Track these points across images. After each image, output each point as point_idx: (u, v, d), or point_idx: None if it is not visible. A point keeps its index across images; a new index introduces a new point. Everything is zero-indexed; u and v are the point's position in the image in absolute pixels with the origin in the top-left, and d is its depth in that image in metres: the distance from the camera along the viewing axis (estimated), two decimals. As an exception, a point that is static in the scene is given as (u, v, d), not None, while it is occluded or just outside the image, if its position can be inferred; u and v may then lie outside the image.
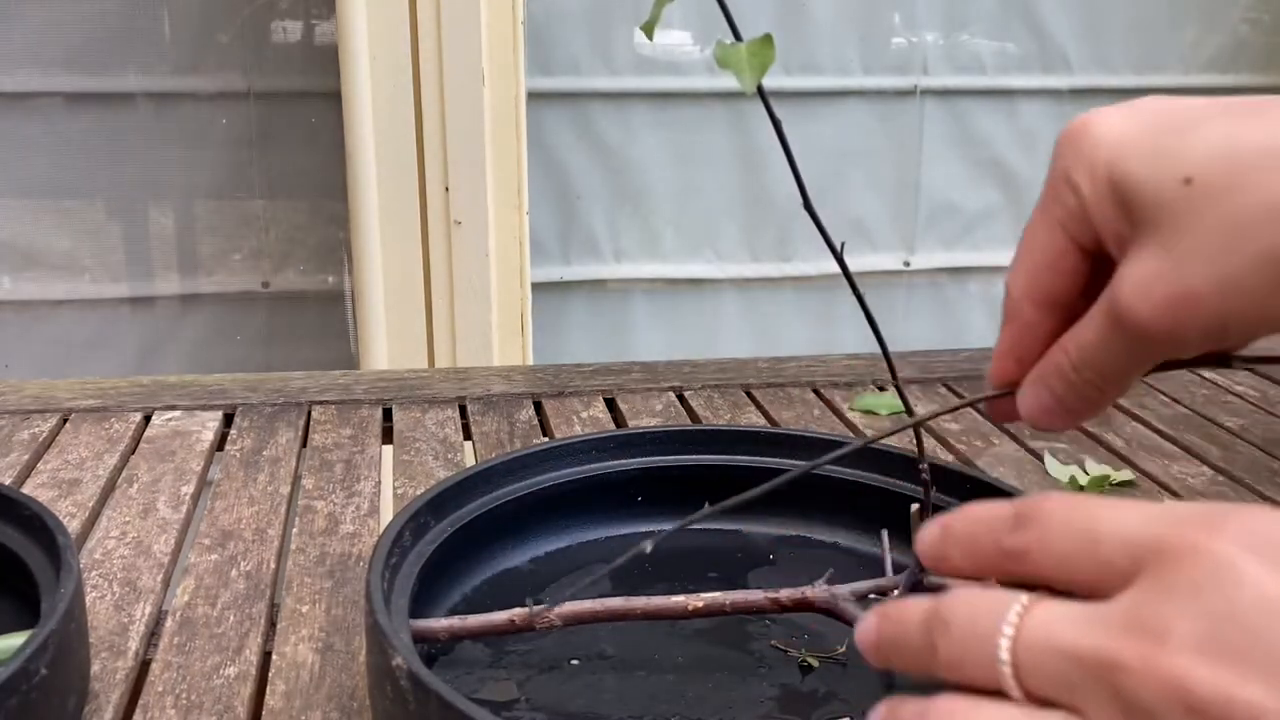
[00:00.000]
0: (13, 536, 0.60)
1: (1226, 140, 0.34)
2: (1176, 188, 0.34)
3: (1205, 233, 0.33)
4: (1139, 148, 0.35)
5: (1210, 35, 1.89)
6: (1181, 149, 0.34)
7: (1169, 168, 0.34)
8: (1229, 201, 0.33)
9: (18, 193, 1.60)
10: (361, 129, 1.48)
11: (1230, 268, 0.33)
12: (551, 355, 1.77)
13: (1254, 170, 0.33)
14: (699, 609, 0.55)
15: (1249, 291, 0.33)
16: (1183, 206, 0.34)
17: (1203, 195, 0.34)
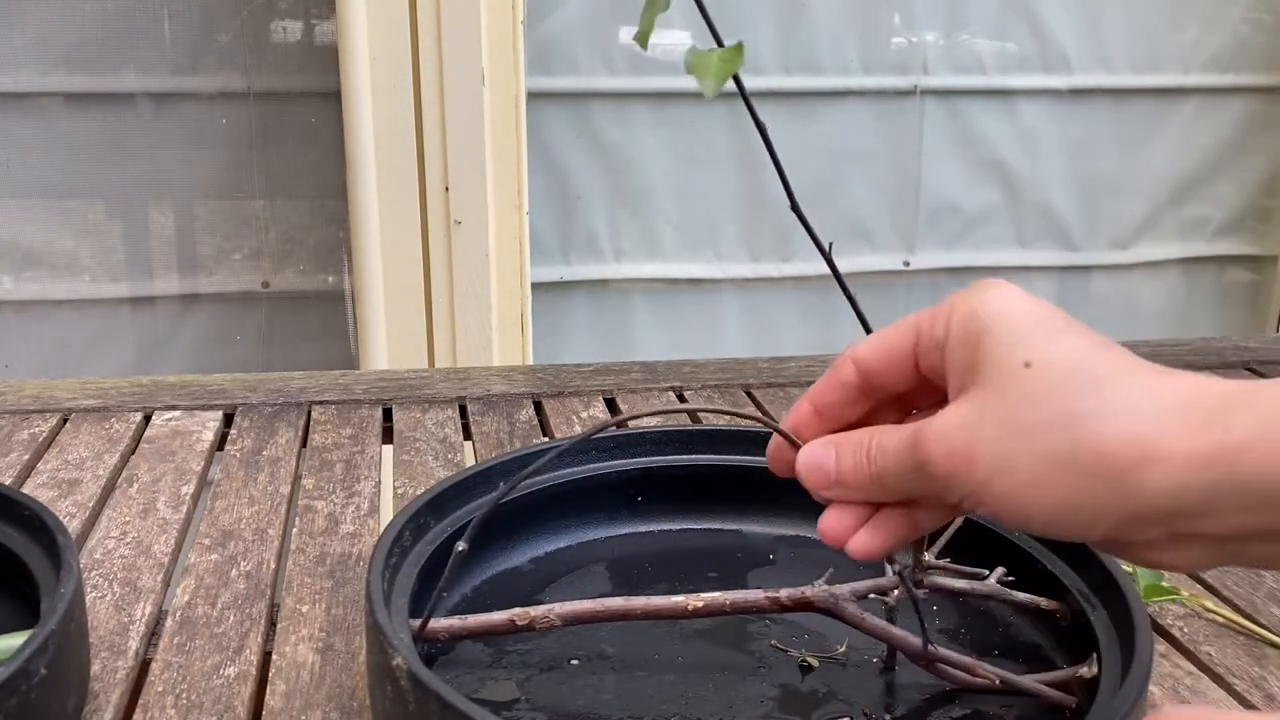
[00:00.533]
0: (13, 536, 0.60)
1: (1074, 351, 0.37)
2: (1017, 366, 0.37)
3: (1013, 412, 0.37)
4: (1016, 325, 0.38)
5: (1210, 35, 1.89)
6: (1043, 340, 0.38)
7: (1025, 351, 0.38)
8: (1047, 397, 0.37)
9: (18, 193, 1.60)
10: (361, 129, 1.48)
11: (1013, 450, 0.37)
12: (551, 355, 1.77)
13: (1076, 382, 0.37)
14: (699, 609, 0.55)
15: (1018, 477, 0.37)
16: (1011, 383, 0.37)
17: (1031, 381, 0.37)
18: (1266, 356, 1.11)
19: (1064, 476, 0.36)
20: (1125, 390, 0.36)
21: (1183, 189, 1.96)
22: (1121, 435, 0.35)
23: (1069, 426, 0.36)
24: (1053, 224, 1.92)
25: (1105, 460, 0.35)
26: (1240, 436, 0.34)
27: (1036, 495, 0.37)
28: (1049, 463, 0.36)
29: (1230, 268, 2.03)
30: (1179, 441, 0.35)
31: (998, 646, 0.58)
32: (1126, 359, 0.37)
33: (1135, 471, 0.35)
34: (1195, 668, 0.61)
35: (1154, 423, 0.35)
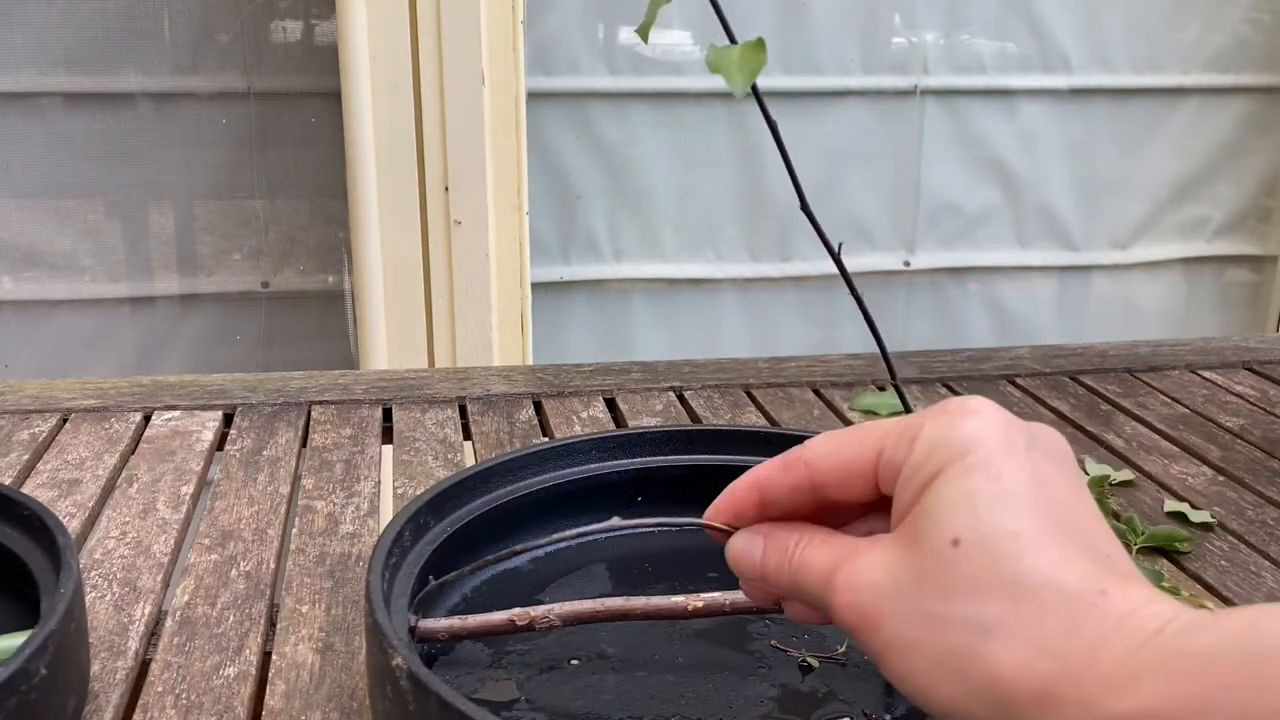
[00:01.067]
0: (13, 536, 0.60)
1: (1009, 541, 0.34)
2: (945, 543, 0.34)
3: (924, 595, 0.34)
4: (967, 483, 0.35)
5: (1210, 35, 1.89)
6: (985, 511, 0.34)
7: (961, 524, 0.34)
8: (961, 594, 0.34)
9: (18, 193, 1.60)
10: (361, 129, 1.48)
11: (914, 637, 0.35)
12: (551, 355, 1.77)
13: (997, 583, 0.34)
14: (699, 609, 0.55)
15: (913, 665, 0.35)
16: (933, 560, 0.34)
17: (952, 566, 0.34)
18: (1266, 356, 1.11)
19: (957, 686, 0.34)
20: (1043, 610, 0.33)
21: (1183, 189, 1.96)
22: (1020, 666, 0.33)
23: (971, 634, 0.33)
24: (1053, 224, 1.92)
25: (998, 688, 0.33)
26: (1142, 703, 0.31)
27: (929, 688, 0.35)
28: (945, 667, 0.34)
29: (1230, 268, 2.03)
30: (1080, 692, 0.32)
31: (998, 646, 0.58)
32: (1066, 562, 0.34)
33: (1029, 710, 0.33)
34: (1195, 668, 0.61)
35: (1061, 661, 0.32)
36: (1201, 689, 0.30)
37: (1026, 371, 1.05)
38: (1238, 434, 0.92)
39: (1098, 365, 1.07)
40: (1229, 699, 0.30)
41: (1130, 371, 1.06)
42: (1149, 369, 1.06)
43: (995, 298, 1.94)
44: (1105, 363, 1.08)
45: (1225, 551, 0.74)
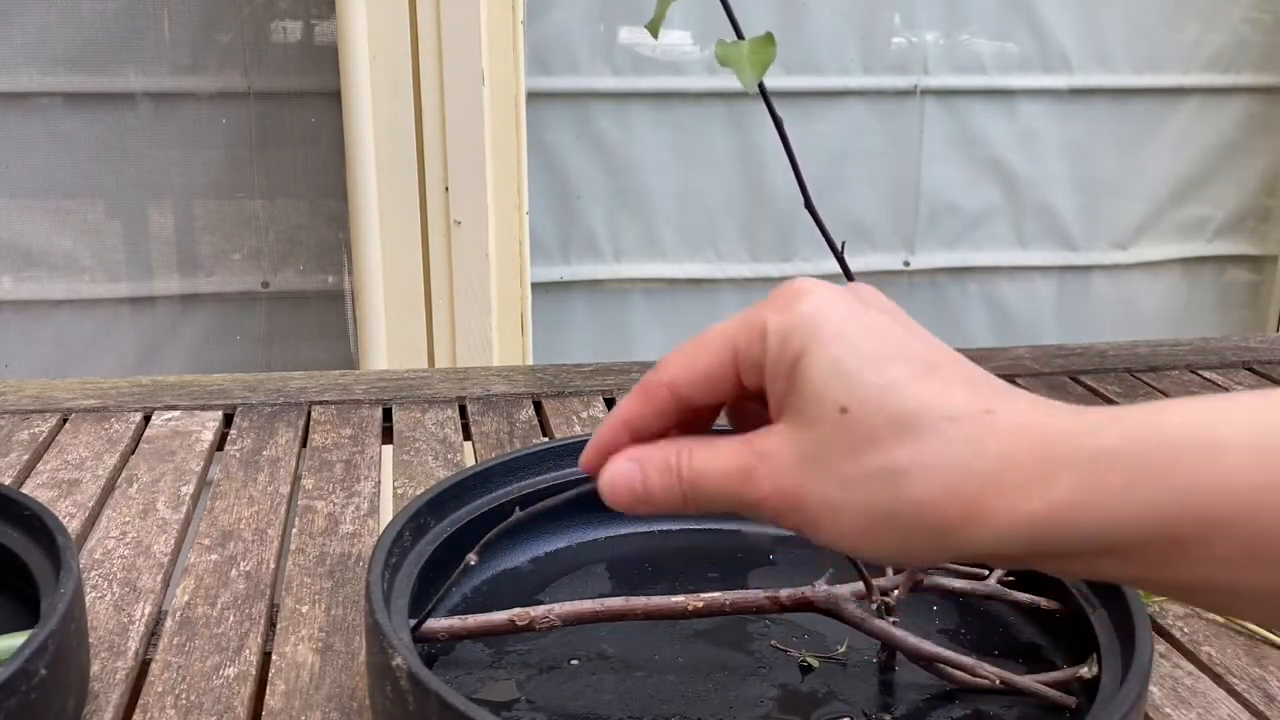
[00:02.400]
0: (13, 536, 0.60)
1: (892, 390, 0.36)
2: (834, 412, 0.36)
3: (835, 462, 0.36)
4: (830, 356, 0.37)
5: (1210, 35, 1.89)
6: (857, 375, 0.36)
7: (841, 391, 0.36)
8: (865, 450, 0.36)
9: (18, 193, 1.60)
10: (361, 129, 1.48)
11: (838, 500, 0.36)
12: (551, 355, 1.77)
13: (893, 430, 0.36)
14: (699, 609, 0.55)
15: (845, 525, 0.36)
16: (830, 431, 0.36)
17: (848, 430, 0.36)
18: (1267, 356, 1.11)
19: (890, 528, 0.36)
20: (944, 439, 0.35)
21: (1183, 189, 1.96)
22: (943, 492, 0.35)
23: (889, 481, 0.35)
24: (1053, 224, 1.92)
25: (927, 517, 0.35)
26: (1061, 497, 0.34)
27: (866, 541, 0.36)
28: (874, 515, 0.36)
29: (1230, 268, 2.03)
30: (1000, 500, 0.34)
31: (998, 646, 0.58)
32: (945, 391, 0.36)
33: (959, 529, 0.35)
34: (1195, 668, 0.61)
35: (975, 477, 0.35)
36: (1110, 483, 0.33)
37: (1026, 371, 1.05)
38: (1238, 434, 0.91)
39: (1098, 365, 1.07)
40: (1136, 489, 0.33)
41: (1130, 371, 1.06)
42: (1149, 369, 1.06)
43: (995, 298, 1.94)
44: (1105, 363, 1.08)
45: (1225, 551, 0.74)
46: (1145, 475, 0.33)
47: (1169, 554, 0.33)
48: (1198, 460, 0.33)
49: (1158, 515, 0.33)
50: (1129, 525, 0.33)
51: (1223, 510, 0.32)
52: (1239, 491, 0.32)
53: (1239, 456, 0.32)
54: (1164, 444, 0.33)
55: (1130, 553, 0.34)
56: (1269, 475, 0.32)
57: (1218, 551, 0.32)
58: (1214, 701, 0.59)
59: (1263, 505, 0.32)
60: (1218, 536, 0.32)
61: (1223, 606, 0.35)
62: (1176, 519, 0.33)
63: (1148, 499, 0.33)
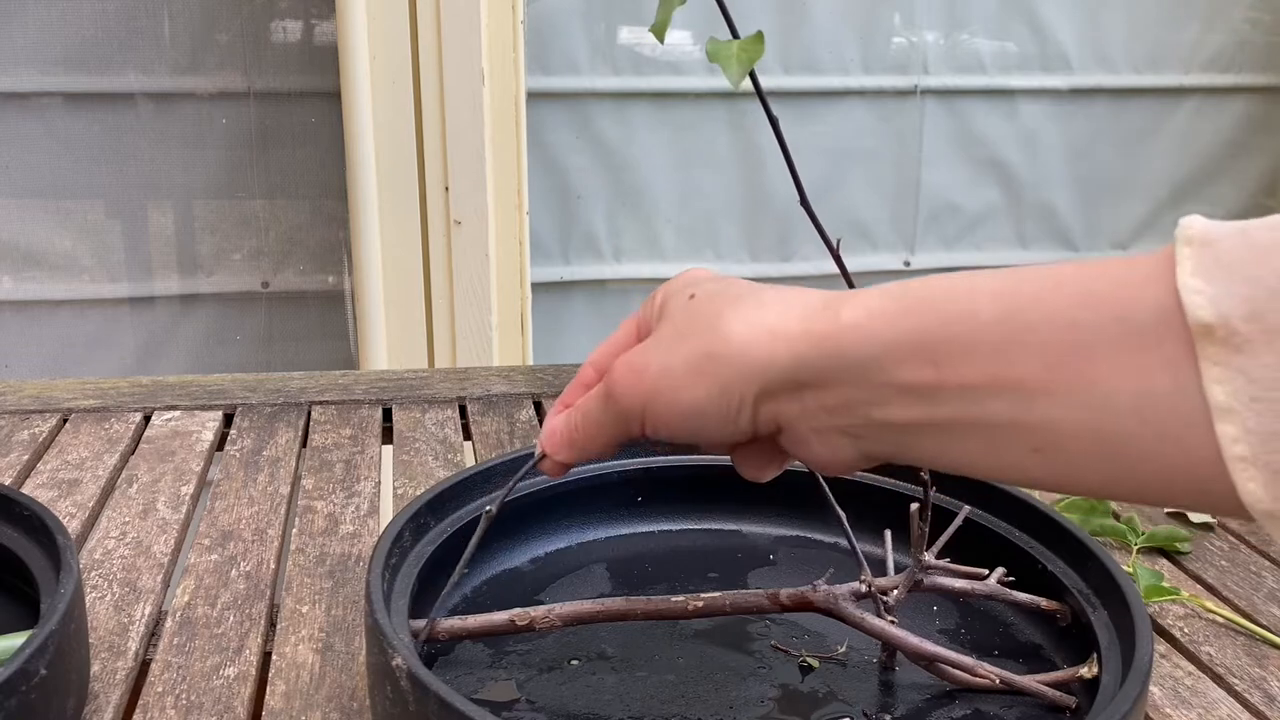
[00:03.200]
0: (13, 536, 0.60)
1: (728, 282, 0.45)
2: (684, 300, 0.45)
3: (675, 328, 0.44)
4: (685, 279, 0.46)
5: (1210, 35, 1.89)
6: (706, 280, 0.46)
7: (691, 287, 0.45)
8: (700, 312, 0.44)
9: (18, 193, 1.60)
10: (361, 129, 1.48)
11: (672, 354, 0.44)
12: (551, 355, 1.77)
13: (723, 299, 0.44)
14: (699, 609, 0.55)
15: (674, 376, 0.43)
16: (678, 312, 0.45)
17: (691, 306, 0.44)
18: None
19: (708, 365, 0.42)
20: (758, 299, 0.43)
21: (1183, 189, 1.96)
22: (752, 324, 0.42)
23: (712, 327, 0.43)
24: (1053, 224, 1.92)
25: (735, 345, 0.42)
26: (845, 320, 0.40)
27: (689, 388, 0.43)
28: (697, 356, 0.43)
29: (1230, 268, 2.03)
30: (796, 324, 0.41)
31: (998, 646, 0.58)
32: (774, 289, 0.44)
33: (760, 347, 0.41)
34: (1195, 668, 0.61)
35: (777, 315, 0.42)
36: (888, 310, 0.40)
37: (1026, 371, 1.05)
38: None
39: (1098, 365, 1.07)
40: (909, 315, 0.39)
41: (1130, 371, 1.06)
42: (1149, 369, 1.06)
43: (995, 298, 1.94)
44: (1105, 363, 1.08)
45: (1225, 551, 0.74)
46: (915, 305, 0.39)
47: (929, 380, 0.38)
48: (958, 295, 0.39)
49: (922, 336, 0.38)
50: (898, 343, 0.39)
51: (970, 334, 0.38)
52: (983, 321, 0.37)
53: (985, 297, 0.38)
54: (932, 285, 0.40)
55: (897, 372, 0.39)
56: (1006, 311, 0.37)
57: (967, 375, 0.37)
58: (1214, 701, 0.59)
59: (1000, 333, 0.37)
60: (967, 359, 0.37)
61: (982, 455, 0.39)
62: (937, 340, 0.38)
63: (915, 324, 0.39)
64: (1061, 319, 0.36)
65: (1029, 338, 0.36)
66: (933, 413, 0.39)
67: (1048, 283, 0.37)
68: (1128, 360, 0.34)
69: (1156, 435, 0.34)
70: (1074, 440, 0.36)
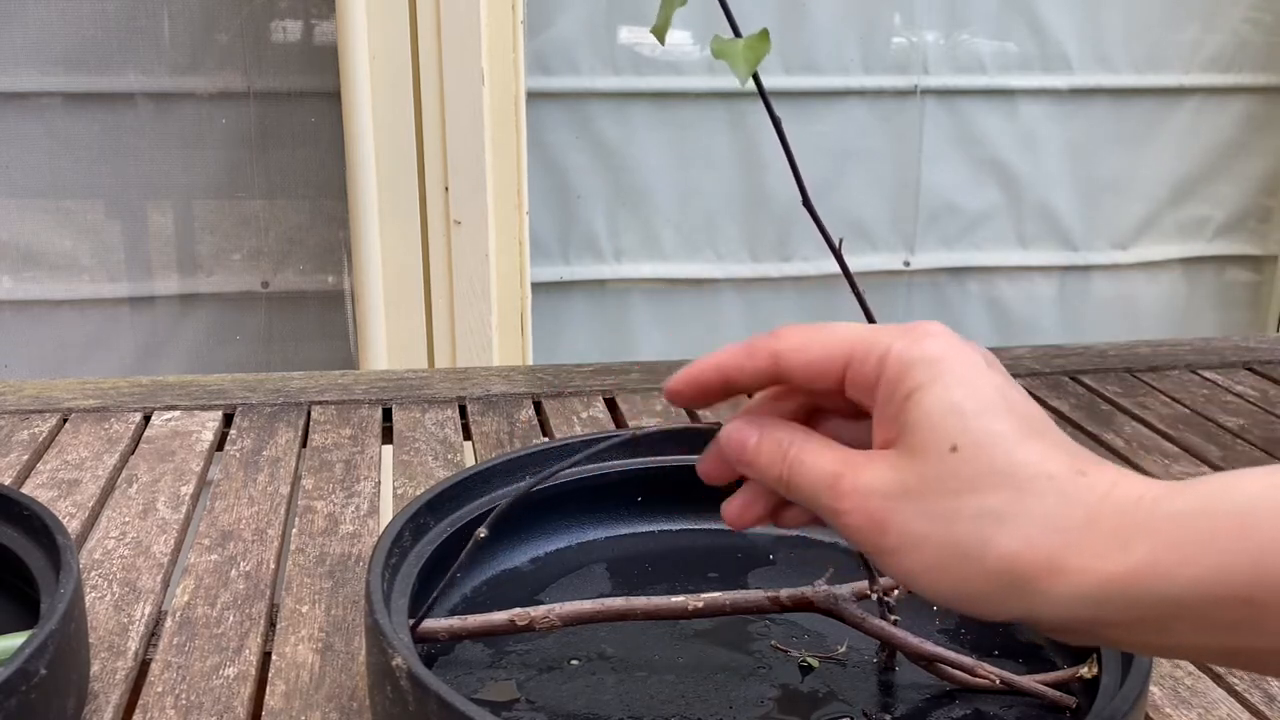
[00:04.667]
0: (13, 536, 0.60)
1: (1001, 441, 0.38)
2: (944, 449, 0.38)
3: (931, 495, 0.38)
4: (950, 395, 0.38)
5: (1210, 35, 1.89)
6: (973, 420, 0.38)
7: (955, 430, 0.38)
8: (965, 489, 0.37)
9: (18, 193, 1.60)
10: (361, 129, 1.48)
11: (924, 532, 0.38)
12: (551, 355, 1.77)
13: (995, 478, 0.37)
14: (699, 609, 0.55)
15: (924, 559, 0.38)
16: (935, 464, 0.38)
17: (954, 468, 0.37)
18: (1267, 356, 1.11)
19: (969, 570, 0.37)
20: (1040, 495, 0.37)
21: (1183, 189, 1.96)
22: (1028, 544, 0.36)
23: (980, 525, 0.37)
24: (1053, 224, 1.92)
25: (1010, 566, 0.36)
26: (1136, 561, 0.35)
27: (940, 578, 0.38)
28: (956, 554, 0.37)
29: (1230, 268, 2.03)
30: (1081, 559, 0.36)
31: (998, 646, 0.58)
32: (1047, 453, 0.38)
33: (1038, 582, 0.36)
34: (1195, 668, 0.61)
35: (1061, 535, 0.36)
36: (1186, 545, 0.34)
37: (1026, 371, 1.05)
38: (1238, 434, 0.92)
39: (1098, 365, 1.07)
40: (1210, 550, 0.34)
41: (1130, 371, 1.06)
42: (1149, 369, 1.06)
43: (995, 298, 1.94)
44: (1105, 363, 1.08)
45: (1225, 551, 0.74)
46: (1220, 537, 0.34)
47: (1241, 618, 0.34)
48: (1272, 522, 0.33)
49: (1233, 578, 0.33)
50: (1204, 588, 0.34)
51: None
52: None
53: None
54: (1238, 507, 0.34)
55: (1204, 617, 0.34)
56: None
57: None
58: (1214, 701, 0.59)
59: None
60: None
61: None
62: (1251, 581, 0.33)
63: (1224, 563, 0.34)
64: None
65: None
66: (1241, 643, 0.35)
67: None
68: None
69: None
70: None
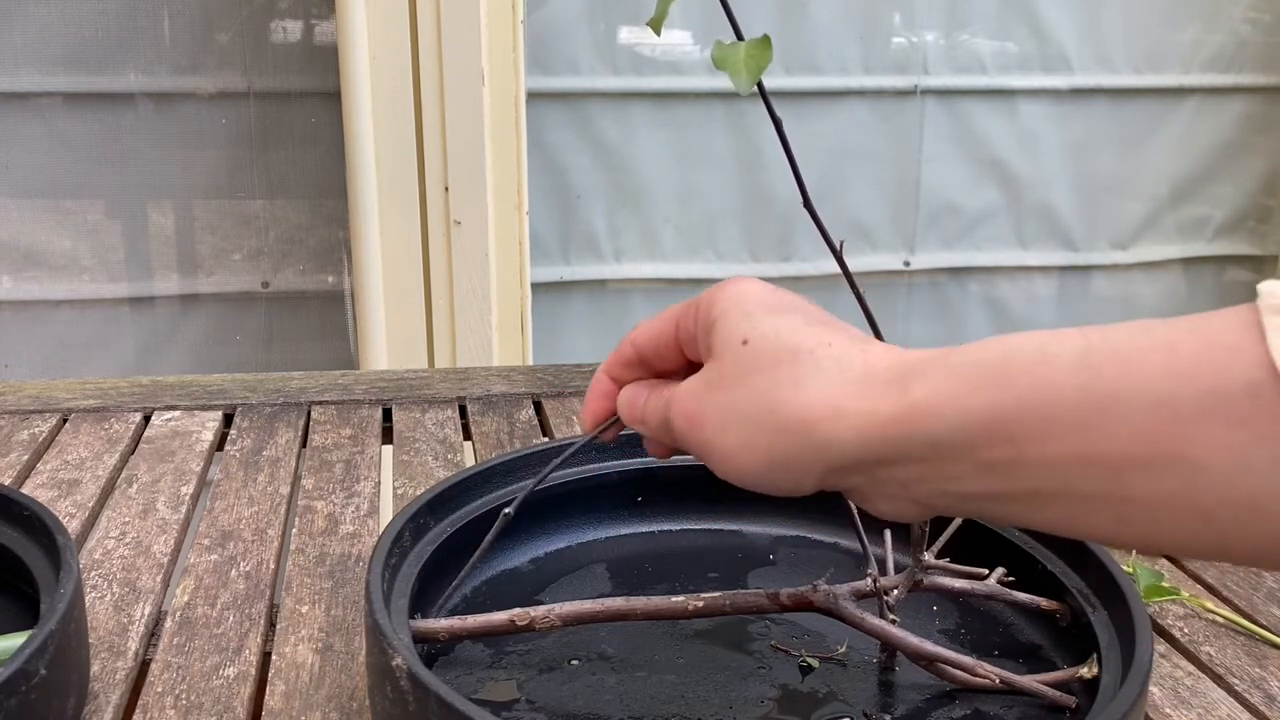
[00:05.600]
0: (13, 536, 0.60)
1: (783, 328, 0.43)
2: (737, 344, 0.44)
3: (729, 382, 0.43)
4: (741, 308, 0.44)
5: (1210, 35, 1.89)
6: (761, 320, 0.44)
7: (745, 328, 0.44)
8: (755, 369, 0.43)
9: (18, 193, 1.60)
10: (361, 129, 1.48)
11: (727, 415, 0.43)
12: (551, 355, 1.77)
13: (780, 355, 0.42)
14: (699, 609, 0.55)
15: (731, 438, 0.42)
16: (731, 358, 0.43)
17: (746, 356, 0.43)
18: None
19: (767, 436, 0.41)
20: (818, 360, 0.41)
21: (1183, 189, 1.96)
22: (812, 399, 0.41)
23: (770, 393, 0.42)
24: (1053, 224, 1.92)
25: (797, 421, 0.41)
26: (914, 399, 0.39)
27: (748, 454, 0.42)
28: (754, 425, 0.42)
29: (1230, 268, 2.03)
30: (862, 402, 0.40)
31: (998, 646, 0.58)
32: (830, 332, 0.43)
33: (824, 426, 0.40)
34: (1195, 668, 0.61)
35: (840, 388, 0.40)
36: (957, 387, 0.38)
37: (1026, 371, 1.05)
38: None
39: (1098, 365, 1.07)
40: (978, 390, 0.38)
41: (1130, 371, 1.06)
42: (1149, 369, 1.06)
43: (995, 298, 1.94)
44: (1105, 363, 1.08)
45: (1225, 551, 0.74)
46: (988, 381, 0.38)
47: (1009, 458, 0.37)
48: (1033, 368, 0.37)
49: (996, 414, 0.37)
50: (971, 424, 0.38)
51: (1051, 410, 0.36)
52: (1065, 394, 0.36)
53: (1065, 366, 0.36)
54: (1006, 356, 0.38)
55: (974, 452, 0.38)
56: (1089, 380, 0.36)
57: (1050, 452, 0.36)
58: (1214, 702, 0.59)
59: (1082, 405, 0.36)
60: (1048, 436, 0.36)
61: (1068, 520, 0.38)
62: (1013, 418, 0.37)
63: (989, 401, 0.37)
64: (1147, 393, 0.35)
65: (1114, 411, 0.35)
66: (1011, 486, 0.38)
67: (1127, 350, 0.36)
68: (1220, 434, 0.33)
69: (1250, 505, 0.33)
70: (1164, 511, 0.35)
